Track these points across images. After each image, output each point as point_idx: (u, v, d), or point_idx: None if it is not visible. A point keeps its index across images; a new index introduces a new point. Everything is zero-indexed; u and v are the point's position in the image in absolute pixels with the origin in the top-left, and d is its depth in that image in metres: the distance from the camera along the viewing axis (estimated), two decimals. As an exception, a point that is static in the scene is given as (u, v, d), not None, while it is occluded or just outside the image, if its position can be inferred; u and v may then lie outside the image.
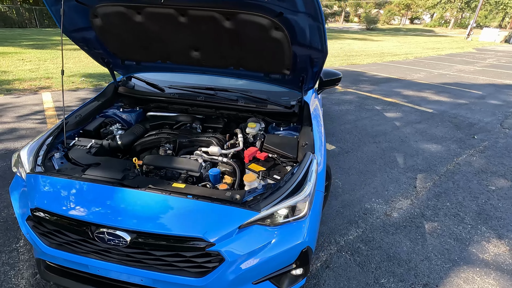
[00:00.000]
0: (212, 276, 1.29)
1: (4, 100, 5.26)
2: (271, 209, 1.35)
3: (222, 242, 1.26)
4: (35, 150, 1.67)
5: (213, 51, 1.90)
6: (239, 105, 2.14)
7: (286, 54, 1.75)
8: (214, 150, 1.81)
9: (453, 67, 11.44)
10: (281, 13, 1.48)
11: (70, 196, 1.36)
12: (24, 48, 11.47)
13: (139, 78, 2.48)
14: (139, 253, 1.30)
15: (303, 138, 1.86)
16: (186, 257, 1.27)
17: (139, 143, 1.95)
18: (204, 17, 1.63)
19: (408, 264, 2.12)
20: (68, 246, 1.39)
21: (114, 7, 1.69)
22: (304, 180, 1.50)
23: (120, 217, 1.27)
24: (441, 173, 3.39)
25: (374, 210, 2.69)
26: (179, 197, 1.33)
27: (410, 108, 5.77)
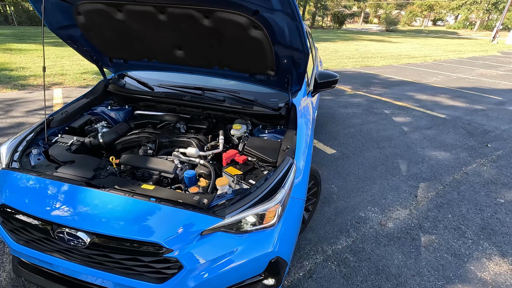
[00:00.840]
0: (171, 282, 1.24)
1: (17, 95, 5.46)
2: (237, 216, 1.29)
3: (182, 248, 1.21)
4: (14, 146, 1.68)
5: (196, 50, 1.86)
6: (225, 106, 2.09)
7: (268, 54, 1.68)
8: (192, 151, 1.76)
9: (474, 70, 10.93)
10: (257, 11, 1.42)
11: (36, 194, 1.35)
12: (44, 45, 11.91)
13: (131, 77, 2.48)
14: (98, 255, 1.27)
15: (285, 141, 1.78)
16: (145, 262, 1.23)
17: (120, 142, 1.93)
18: (183, 15, 1.59)
19: (397, 278, 2.00)
20: (34, 243, 1.38)
21: (95, 4, 1.68)
22: (278, 186, 1.43)
23: (79, 218, 1.24)
24: (446, 183, 3.21)
25: (368, 219, 2.56)
26: (141, 199, 1.29)
27: (421, 112, 5.53)
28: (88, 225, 1.23)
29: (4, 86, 5.95)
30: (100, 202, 1.29)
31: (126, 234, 1.20)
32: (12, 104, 4.96)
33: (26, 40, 13.42)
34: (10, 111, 4.64)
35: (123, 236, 1.20)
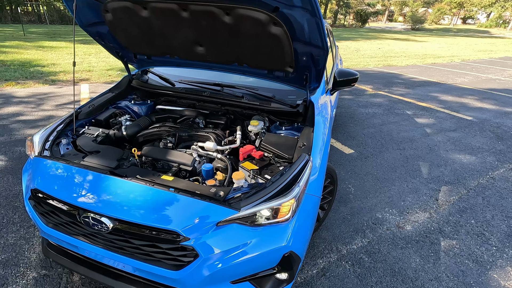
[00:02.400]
0: (187, 270, 1.29)
1: (48, 90, 5.77)
2: (252, 209, 1.31)
3: (198, 237, 1.26)
4: (45, 136, 1.80)
5: (216, 47, 1.90)
6: (243, 102, 2.12)
7: (287, 51, 1.69)
8: (210, 145, 1.80)
9: (505, 71, 10.35)
10: (277, 7, 1.43)
11: (65, 180, 1.44)
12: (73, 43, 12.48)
13: (154, 72, 2.56)
14: (120, 240, 1.34)
15: (302, 138, 1.79)
16: (162, 249, 1.29)
17: (142, 135, 2.01)
18: (204, 12, 1.63)
19: (413, 282, 1.95)
20: (62, 226, 1.47)
21: (122, 2, 1.75)
22: (294, 182, 1.44)
23: (103, 204, 1.32)
24: (470, 187, 3.08)
25: (385, 221, 2.52)
26: (161, 189, 1.34)
27: (446, 114, 5.32)
28: (111, 211, 1.30)
29: (36, 81, 6.31)
30: (123, 190, 1.36)
31: (146, 221, 1.26)
32: (43, 98, 5.25)
33: (57, 38, 14.13)
34: (41, 105, 4.91)
35: (143, 223, 1.26)
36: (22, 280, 1.84)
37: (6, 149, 3.37)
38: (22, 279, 1.85)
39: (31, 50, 10.18)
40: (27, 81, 6.30)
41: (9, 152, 3.31)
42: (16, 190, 2.67)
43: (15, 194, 2.61)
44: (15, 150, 3.36)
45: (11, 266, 1.94)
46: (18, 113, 4.49)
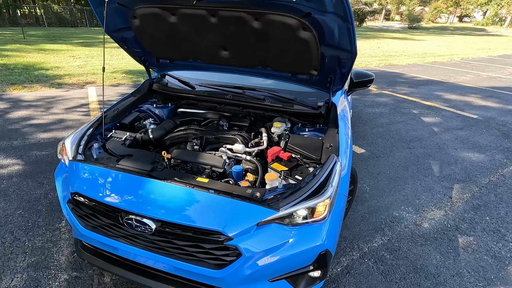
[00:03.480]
0: (229, 269, 1.33)
1: (55, 93, 5.79)
2: (290, 209, 1.36)
3: (240, 237, 1.30)
4: (77, 140, 1.83)
5: (241, 51, 1.94)
6: (266, 105, 2.16)
7: (314, 55, 1.74)
8: (239, 147, 1.85)
9: (505, 69, 10.46)
10: (309, 13, 1.48)
11: (105, 184, 1.48)
12: (74, 46, 12.48)
13: (173, 76, 2.60)
14: (162, 241, 1.37)
15: (328, 140, 1.83)
16: (205, 249, 1.33)
17: (169, 138, 2.05)
18: (234, 17, 1.67)
19: (436, 278, 2.00)
20: (101, 229, 1.51)
21: (151, 9, 1.79)
22: (326, 182, 1.48)
23: (147, 206, 1.36)
24: (482, 185, 3.14)
25: (402, 219, 2.57)
26: (201, 191, 1.38)
27: (451, 113, 5.39)
28: (155, 213, 1.33)
29: (42, 84, 6.32)
30: (164, 192, 1.40)
31: (190, 222, 1.30)
32: (52, 102, 5.27)
33: (57, 40, 14.11)
34: (51, 108, 4.93)
35: (187, 223, 1.30)
36: (55, 282, 1.88)
37: (22, 153, 3.39)
38: (54, 281, 1.89)
39: (33, 53, 10.18)
40: (33, 84, 6.30)
41: (25, 156, 3.34)
42: (37, 194, 2.70)
43: (36, 198, 2.64)
44: (31, 154, 3.39)
45: (42, 268, 1.97)
46: (29, 117, 4.51)
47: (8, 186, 2.79)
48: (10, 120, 4.34)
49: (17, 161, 3.23)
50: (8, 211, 2.47)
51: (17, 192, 2.71)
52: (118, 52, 11.05)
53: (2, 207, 2.51)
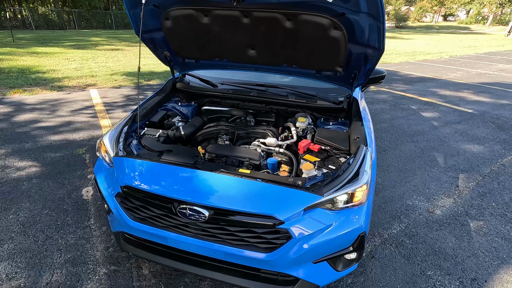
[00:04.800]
0: (279, 252, 1.43)
1: (58, 96, 5.75)
2: (332, 194, 1.46)
3: (291, 221, 1.40)
4: (114, 137, 1.89)
5: (269, 50, 2.04)
6: (290, 101, 2.26)
7: (341, 52, 1.85)
8: (271, 141, 1.95)
9: (493, 66, 10.88)
10: (343, 13, 1.59)
11: (156, 176, 1.55)
12: (67, 49, 12.31)
13: (193, 75, 2.68)
14: (215, 228, 1.46)
15: (354, 132, 1.95)
16: (257, 233, 1.42)
17: (201, 134, 2.13)
18: (267, 18, 1.77)
19: (454, 259, 2.15)
20: (151, 220, 1.58)
21: (185, 10, 1.88)
22: (359, 170, 1.60)
23: (200, 195, 1.44)
24: (484, 174, 3.32)
25: (416, 207, 2.71)
26: (250, 179, 1.48)
27: (448, 108, 5.62)
28: (209, 201, 1.42)
29: (42, 87, 6.26)
30: (215, 182, 1.48)
31: (243, 208, 1.39)
32: (56, 104, 5.24)
33: (48, 43, 13.88)
34: (56, 111, 4.91)
35: (241, 209, 1.39)
36: (95, 276, 1.93)
37: (37, 155, 3.40)
38: (94, 275, 1.94)
39: (26, 56, 10.01)
40: (33, 88, 6.24)
41: (40, 158, 3.35)
42: (60, 194, 2.73)
43: (60, 198, 2.68)
44: (46, 156, 3.40)
45: (80, 264, 2.02)
46: (35, 120, 4.49)
47: (30, 187, 2.81)
48: (18, 124, 4.31)
49: (34, 163, 3.24)
50: (35, 211, 2.50)
51: (40, 193, 2.74)
52: (113, 55, 10.99)
53: (28, 208, 2.53)
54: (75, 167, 3.19)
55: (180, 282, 1.90)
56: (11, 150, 3.51)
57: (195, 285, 1.89)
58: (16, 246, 2.15)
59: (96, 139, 3.86)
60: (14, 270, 1.96)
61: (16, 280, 1.90)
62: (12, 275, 1.93)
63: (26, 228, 2.32)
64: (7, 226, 2.33)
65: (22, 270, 1.96)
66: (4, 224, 2.35)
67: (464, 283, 1.96)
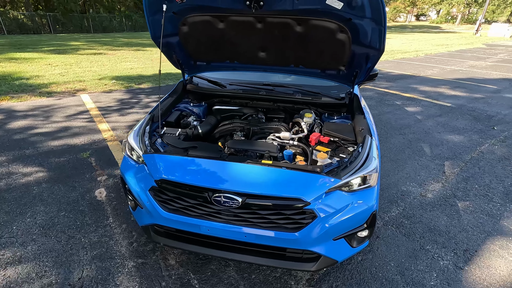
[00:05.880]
0: (305, 231, 1.60)
1: (48, 102, 5.68)
2: (348, 178, 1.67)
3: (315, 202, 1.58)
4: (138, 137, 2.01)
5: (279, 52, 2.23)
6: (297, 98, 2.46)
7: (345, 53, 2.07)
8: (286, 135, 2.13)
9: (464, 62, 11.62)
10: (350, 19, 1.80)
11: (189, 170, 1.69)
12: (46, 54, 11.97)
13: (201, 77, 2.82)
14: (246, 213, 1.62)
15: (358, 124, 2.17)
16: (286, 215, 1.60)
17: (218, 131, 2.28)
18: (279, 23, 1.96)
19: (448, 234, 2.42)
20: (184, 210, 1.71)
21: (203, 17, 2.03)
22: (368, 156, 1.81)
23: (233, 183, 1.60)
24: (466, 160, 3.67)
25: (410, 192, 2.98)
26: (276, 168, 1.65)
27: (429, 102, 6.04)
28: (243, 188, 1.58)
29: (30, 94, 6.14)
30: (245, 172, 1.64)
31: (273, 192, 1.56)
32: (49, 111, 5.18)
33: (26, 48, 13.42)
34: (51, 117, 4.87)
35: (271, 194, 1.56)
36: (124, 269, 2.04)
37: (41, 161, 3.41)
38: (123, 268, 2.05)
39: (4, 62, 9.69)
40: (20, 94, 6.11)
41: (45, 163, 3.36)
42: (73, 196, 2.79)
43: (74, 200, 2.73)
44: (50, 161, 3.41)
45: (107, 259, 2.12)
46: (31, 126, 4.44)
47: (41, 191, 2.85)
48: (13, 131, 4.26)
49: (39, 168, 3.26)
50: (51, 213, 2.55)
51: (53, 196, 2.78)
52: (97, 59, 10.83)
53: (43, 211, 2.58)
54: (83, 170, 3.24)
55: (207, 269, 2.05)
56: (12, 156, 3.50)
57: (221, 270, 2.04)
58: (40, 247, 2.21)
59: (98, 143, 3.90)
60: (43, 269, 2.03)
61: (47, 277, 1.97)
62: (42, 273, 2.00)
63: (46, 230, 2.37)
64: (27, 229, 2.37)
65: (51, 269, 2.04)
66: (23, 227, 2.39)
67: (458, 254, 2.23)
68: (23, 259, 2.11)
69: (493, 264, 2.14)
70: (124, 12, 29.57)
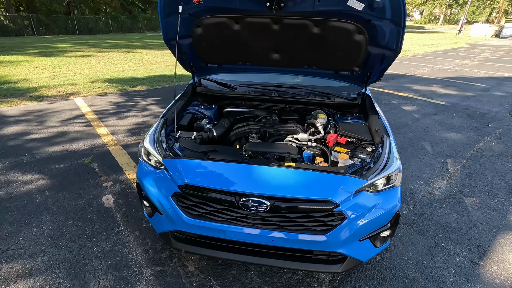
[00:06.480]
0: (334, 233, 1.60)
1: (41, 107, 5.49)
2: (374, 179, 1.67)
3: (344, 204, 1.58)
4: (155, 141, 1.96)
5: (293, 53, 2.22)
6: (310, 99, 2.46)
7: (361, 54, 2.08)
8: (304, 136, 2.12)
9: (452, 62, 11.95)
10: (369, 20, 1.81)
11: (214, 174, 1.66)
12: (32, 56, 11.58)
13: (210, 79, 2.77)
14: (275, 216, 1.60)
15: (373, 124, 2.18)
16: (315, 217, 1.58)
17: (234, 134, 2.25)
18: (296, 24, 1.95)
19: (459, 231, 2.47)
20: (209, 215, 1.67)
21: (218, 18, 2.00)
22: (390, 156, 1.82)
23: (262, 187, 1.57)
24: (467, 157, 3.76)
25: (418, 190, 3.03)
26: (302, 170, 1.64)
27: (423, 101, 6.17)
28: (272, 191, 1.55)
29: (20, 98, 5.92)
30: (271, 175, 1.62)
31: (302, 195, 1.55)
32: (42, 115, 5.01)
33: (10, 51, 12.95)
34: (45, 122, 4.71)
35: (301, 197, 1.55)
36: (143, 278, 1.98)
37: (40, 168, 3.28)
38: (141, 277, 1.99)
39: (-13, 66, 9.31)
40: (10, 99, 5.88)
41: (45, 170, 3.24)
42: (79, 204, 2.69)
43: (81, 208, 2.64)
44: (50, 168, 3.30)
45: (124, 268, 2.05)
46: (25, 132, 4.28)
47: (45, 200, 2.74)
48: (6, 137, 4.09)
49: (39, 175, 3.14)
50: (58, 223, 2.46)
51: (58, 205, 2.68)
52: (86, 61, 10.57)
53: (49, 220, 2.48)
54: (86, 176, 3.14)
55: (228, 274, 2.01)
56: (9, 164, 3.36)
57: (242, 275, 2.01)
58: (50, 258, 2.12)
59: (98, 148, 3.80)
60: (56, 281, 1.95)
61: (62, 290, 1.89)
62: (56, 286, 1.92)
63: (55, 239, 2.28)
64: (34, 239, 2.28)
65: (65, 280, 1.96)
66: (30, 237, 2.29)
67: (472, 250, 2.27)
68: (34, 271, 2.02)
69: (507, 258, 2.20)
70: (110, 13, 28.97)
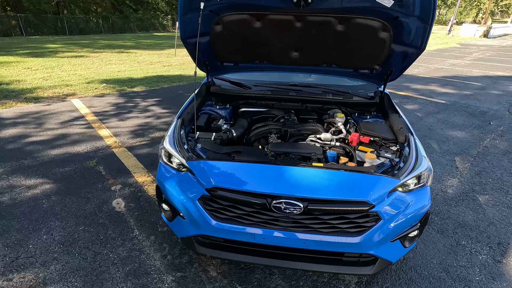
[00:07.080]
0: (368, 234, 1.56)
1: (37, 108, 5.32)
2: (405, 178, 1.64)
3: (379, 204, 1.54)
4: (175, 143, 1.88)
5: (313, 51, 2.17)
6: (328, 98, 2.42)
7: (384, 52, 2.05)
8: (327, 136, 2.08)
9: (445, 61, 12.13)
10: (397, 17, 1.78)
11: (244, 175, 1.60)
12: (23, 57, 11.27)
13: (223, 78, 2.71)
14: (308, 219, 1.55)
15: (395, 122, 2.16)
16: (349, 219, 1.54)
17: (254, 134, 2.19)
18: (320, 22, 1.90)
19: (478, 229, 2.46)
20: (238, 219, 1.61)
21: (240, 15, 1.94)
22: (418, 155, 1.79)
23: (295, 188, 1.52)
24: (474, 155, 3.79)
25: (431, 188, 3.02)
26: (335, 170, 1.59)
27: (424, 100, 6.22)
28: (305, 193, 1.50)
29: (15, 100, 5.73)
30: (304, 175, 1.57)
31: (337, 196, 1.50)
32: (40, 117, 4.85)
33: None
34: (43, 124, 4.55)
35: (335, 198, 1.50)
36: (164, 285, 1.90)
37: (43, 172, 3.16)
38: (162, 283, 1.91)
39: (-23, 67, 9.02)
40: (4, 100, 5.68)
41: (49, 174, 3.12)
42: (89, 208, 2.59)
43: (91, 213, 2.54)
44: (54, 171, 3.17)
45: (143, 275, 1.97)
46: (23, 134, 4.13)
47: (52, 204, 2.63)
48: (4, 140, 3.93)
49: (44, 180, 3.02)
50: (69, 229, 2.36)
51: (66, 210, 2.57)
52: (80, 62, 10.34)
53: (59, 226, 2.38)
54: (93, 180, 3.03)
55: (252, 278, 1.95)
56: (10, 168, 3.22)
57: (266, 279, 1.95)
58: (64, 266, 2.03)
59: (102, 151, 3.69)
60: (73, 290, 1.86)
61: (80, 299, 1.80)
62: (73, 295, 1.83)
63: (67, 246, 2.19)
64: (45, 247, 2.17)
65: (82, 289, 1.87)
66: (41, 245, 2.19)
67: (493, 247, 2.27)
68: (48, 280, 1.92)
69: (528, 255, 2.20)
70: (101, 13, 28.48)
